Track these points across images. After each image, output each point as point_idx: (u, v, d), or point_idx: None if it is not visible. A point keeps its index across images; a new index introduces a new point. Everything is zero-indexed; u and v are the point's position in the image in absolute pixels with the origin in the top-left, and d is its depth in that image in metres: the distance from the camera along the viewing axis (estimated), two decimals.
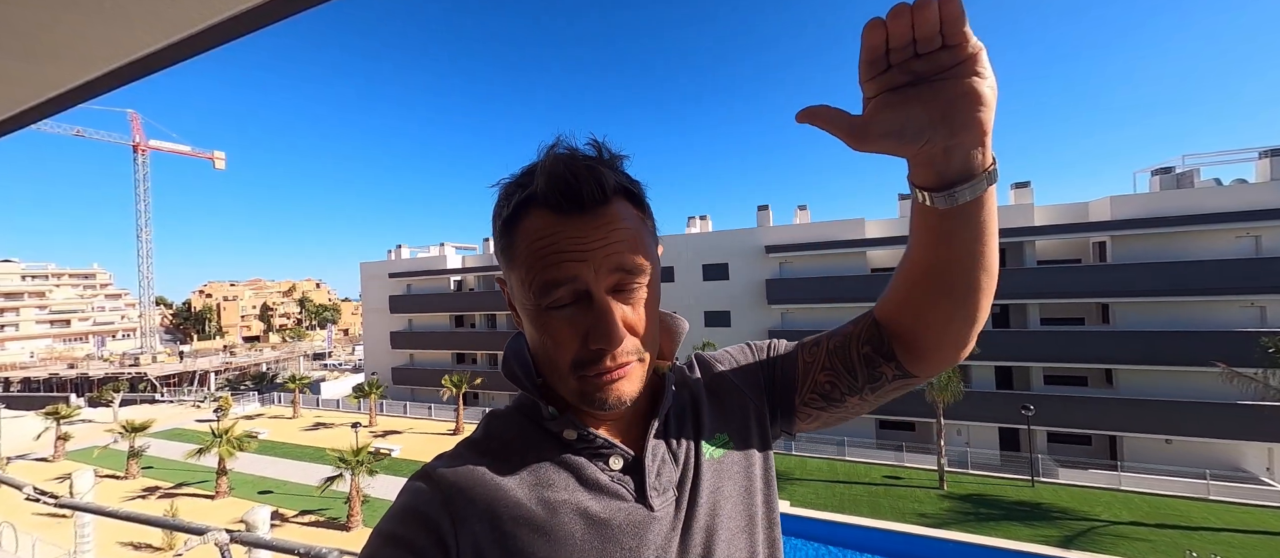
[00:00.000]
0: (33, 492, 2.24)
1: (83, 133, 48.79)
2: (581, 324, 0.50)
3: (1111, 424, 19.40)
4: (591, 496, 0.53)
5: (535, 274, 0.50)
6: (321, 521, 16.83)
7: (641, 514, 0.53)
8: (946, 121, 0.43)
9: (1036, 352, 20.43)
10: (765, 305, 25.16)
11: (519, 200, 0.52)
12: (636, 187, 0.56)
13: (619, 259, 0.50)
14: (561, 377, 0.53)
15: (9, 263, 64.15)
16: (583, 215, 0.50)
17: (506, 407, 0.62)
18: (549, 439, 0.57)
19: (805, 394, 0.65)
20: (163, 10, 1.33)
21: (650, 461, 0.56)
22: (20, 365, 50.09)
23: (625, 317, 0.51)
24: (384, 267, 37.28)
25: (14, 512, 13.43)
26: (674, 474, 0.57)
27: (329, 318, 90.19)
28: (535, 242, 0.51)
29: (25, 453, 25.42)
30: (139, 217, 53.21)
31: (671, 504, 0.55)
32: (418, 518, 0.50)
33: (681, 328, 0.66)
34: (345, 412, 32.27)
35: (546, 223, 0.50)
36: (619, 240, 0.50)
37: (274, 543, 1.61)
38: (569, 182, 0.49)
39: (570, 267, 0.49)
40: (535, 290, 0.51)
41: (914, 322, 0.58)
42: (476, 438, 0.59)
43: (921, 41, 0.40)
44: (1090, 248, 21.87)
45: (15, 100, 1.84)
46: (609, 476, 0.55)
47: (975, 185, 0.47)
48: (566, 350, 0.51)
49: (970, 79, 0.42)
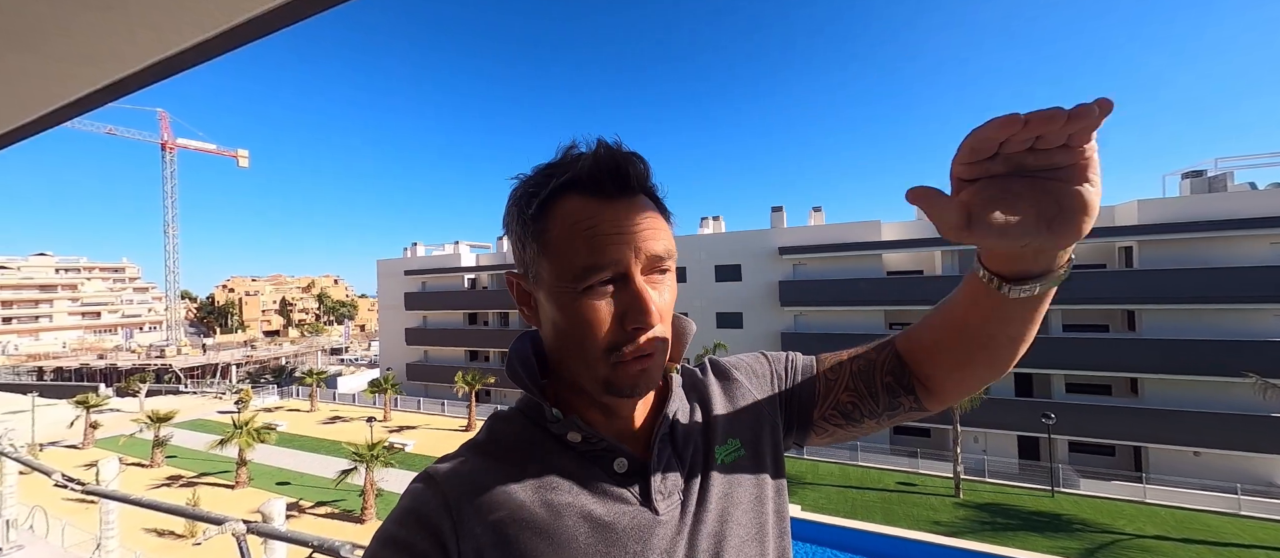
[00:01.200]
0: (61, 478, 2.32)
1: (114, 131, 50.44)
2: (618, 306, 0.51)
3: (1137, 435, 18.83)
4: (595, 499, 0.52)
5: (576, 257, 0.51)
6: (337, 513, 17.15)
7: (646, 518, 0.52)
8: (1050, 225, 0.41)
9: (1058, 359, 19.92)
10: (778, 307, 24.95)
11: (557, 184, 0.52)
12: (658, 186, 0.57)
13: (654, 246, 0.52)
14: (591, 364, 0.52)
15: (43, 256, 66.65)
16: (624, 200, 0.52)
17: (510, 408, 0.62)
18: (552, 442, 0.56)
19: (825, 410, 0.66)
20: (190, 9, 1.37)
21: (656, 464, 0.55)
22: (53, 355, 52.00)
23: (656, 302, 0.52)
24: (400, 264, 37.87)
25: (46, 497, 13.94)
26: (680, 479, 0.56)
27: (346, 314, 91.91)
28: (577, 224, 0.51)
29: (58, 440, 26.34)
30: (166, 212, 54.83)
31: (677, 509, 0.54)
32: (419, 521, 0.50)
33: (689, 330, 0.65)
34: (361, 406, 32.82)
35: (587, 206, 0.51)
36: (651, 228, 0.52)
37: (288, 535, 1.64)
38: (617, 164, 0.51)
39: (614, 249, 0.50)
40: (573, 274, 0.51)
41: (943, 371, 0.61)
42: (480, 440, 0.59)
43: (1044, 141, 0.38)
44: (1116, 253, 21.26)
45: (50, 97, 1.91)
46: (614, 479, 0.54)
47: (1049, 280, 0.47)
48: (601, 334, 0.51)
49: (1083, 186, 0.40)
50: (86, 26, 1.66)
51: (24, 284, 62.98)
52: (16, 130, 2.41)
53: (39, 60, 1.92)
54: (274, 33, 1.79)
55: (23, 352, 54.74)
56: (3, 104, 2.20)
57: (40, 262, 65.64)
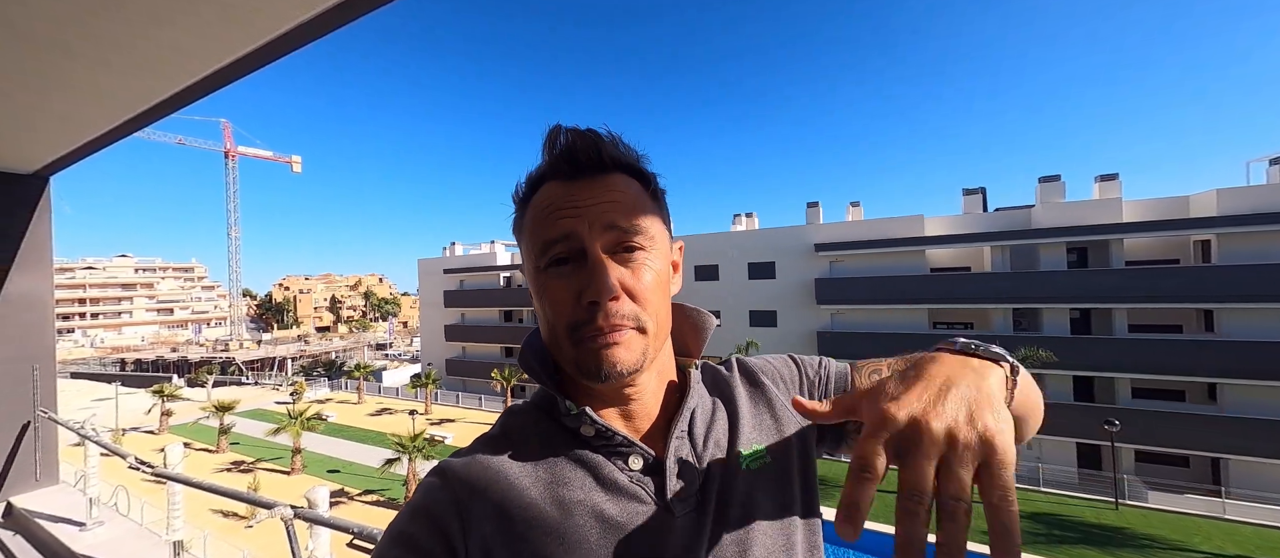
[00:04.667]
0: (134, 461, 2.53)
1: (184, 140, 54.56)
2: (577, 283, 0.50)
3: (1215, 445, 17.27)
4: (608, 496, 0.51)
5: (536, 237, 0.53)
6: (382, 500, 17.96)
7: (660, 518, 0.50)
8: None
9: (1123, 361, 18.52)
10: (814, 305, 24.30)
11: (532, 178, 0.56)
12: (642, 167, 0.56)
13: (612, 217, 0.51)
14: (561, 345, 0.52)
15: (125, 257, 72.93)
16: (582, 179, 0.53)
17: (525, 402, 0.61)
18: (566, 436, 0.55)
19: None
20: (243, 21, 1.44)
21: (671, 461, 0.53)
22: (133, 348, 56.87)
23: (622, 278, 0.51)
24: (439, 263, 39.21)
25: (127, 477, 15.17)
26: (697, 478, 0.54)
27: (390, 311, 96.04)
28: (538, 209, 0.54)
29: (137, 426, 28.83)
30: (229, 216, 58.83)
31: (694, 510, 0.52)
32: (427, 518, 0.50)
33: (708, 323, 0.64)
34: (404, 399, 34.26)
35: (552, 190, 0.53)
36: (613, 201, 0.52)
37: (331, 521, 1.72)
38: (572, 145, 0.52)
39: (565, 222, 0.51)
40: (536, 252, 0.53)
41: None
42: (493, 434, 0.58)
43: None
44: (1191, 247, 19.55)
45: (127, 106, 2.07)
46: (627, 475, 0.52)
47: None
48: (563, 312, 0.51)
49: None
50: (150, 38, 1.75)
51: (108, 283, 69.20)
52: (104, 136, 2.60)
53: (114, 73, 2.06)
54: (321, 38, 1.85)
55: (107, 344, 60.16)
56: (90, 113, 2.37)
57: (122, 262, 71.91)
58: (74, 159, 2.70)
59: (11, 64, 1.63)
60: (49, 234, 3.16)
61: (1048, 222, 20.64)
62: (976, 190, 23.33)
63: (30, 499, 2.97)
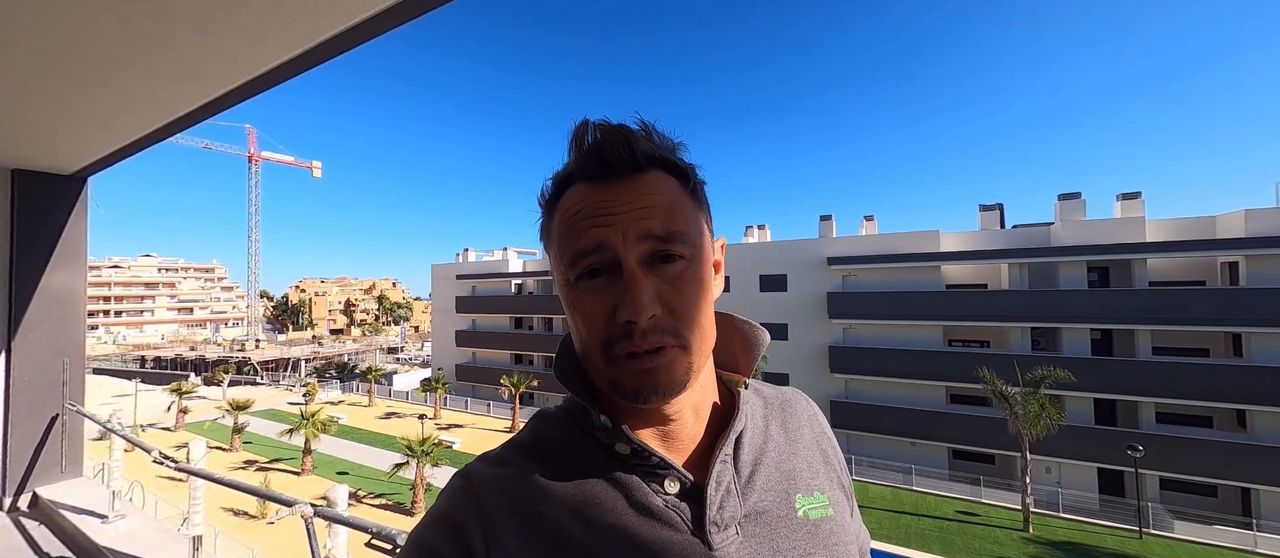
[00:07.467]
0: (159, 455, 2.59)
1: (210, 145, 56.13)
2: (611, 297, 0.46)
3: (1245, 474, 16.62)
4: (641, 520, 0.46)
5: (565, 246, 0.48)
6: (389, 504, 18.02)
7: (697, 550, 0.45)
8: None
9: (1147, 385, 17.99)
10: (825, 319, 24.07)
11: (558, 179, 0.51)
12: (679, 160, 0.51)
13: (649, 225, 0.46)
14: (595, 364, 0.48)
15: (149, 257, 74.95)
16: (614, 181, 0.48)
17: (556, 408, 0.56)
18: (600, 451, 0.51)
19: None
20: (272, 34, 1.50)
21: (714, 489, 0.48)
22: (154, 346, 58.20)
23: (661, 292, 0.46)
24: (452, 268, 39.63)
25: (141, 473, 15.37)
26: (739, 509, 0.48)
27: (403, 315, 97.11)
28: (567, 214, 0.49)
29: (155, 422, 29.39)
30: (250, 219, 60.20)
31: (735, 545, 0.46)
32: (451, 527, 0.48)
33: (761, 339, 0.59)
34: (414, 403, 34.50)
35: (579, 194, 0.49)
36: (649, 206, 0.47)
37: (350, 520, 1.74)
38: (600, 143, 0.48)
39: (597, 231, 0.46)
40: (566, 263, 0.48)
41: None
42: (523, 440, 0.54)
43: None
44: (1218, 268, 19.02)
45: (166, 111, 2.15)
46: (663, 499, 0.48)
47: None
48: (597, 329, 0.47)
49: None
50: (188, 46, 1.82)
51: (132, 282, 71.15)
52: (141, 140, 2.69)
53: (159, 79, 2.13)
54: (350, 50, 1.90)
55: (129, 342, 61.66)
56: (131, 117, 2.46)
57: (146, 262, 73.92)
58: (111, 161, 2.80)
59: (62, 70, 1.71)
60: (84, 233, 3.28)
61: (1068, 239, 20.27)
62: (994, 206, 23.01)
63: (55, 491, 3.05)
